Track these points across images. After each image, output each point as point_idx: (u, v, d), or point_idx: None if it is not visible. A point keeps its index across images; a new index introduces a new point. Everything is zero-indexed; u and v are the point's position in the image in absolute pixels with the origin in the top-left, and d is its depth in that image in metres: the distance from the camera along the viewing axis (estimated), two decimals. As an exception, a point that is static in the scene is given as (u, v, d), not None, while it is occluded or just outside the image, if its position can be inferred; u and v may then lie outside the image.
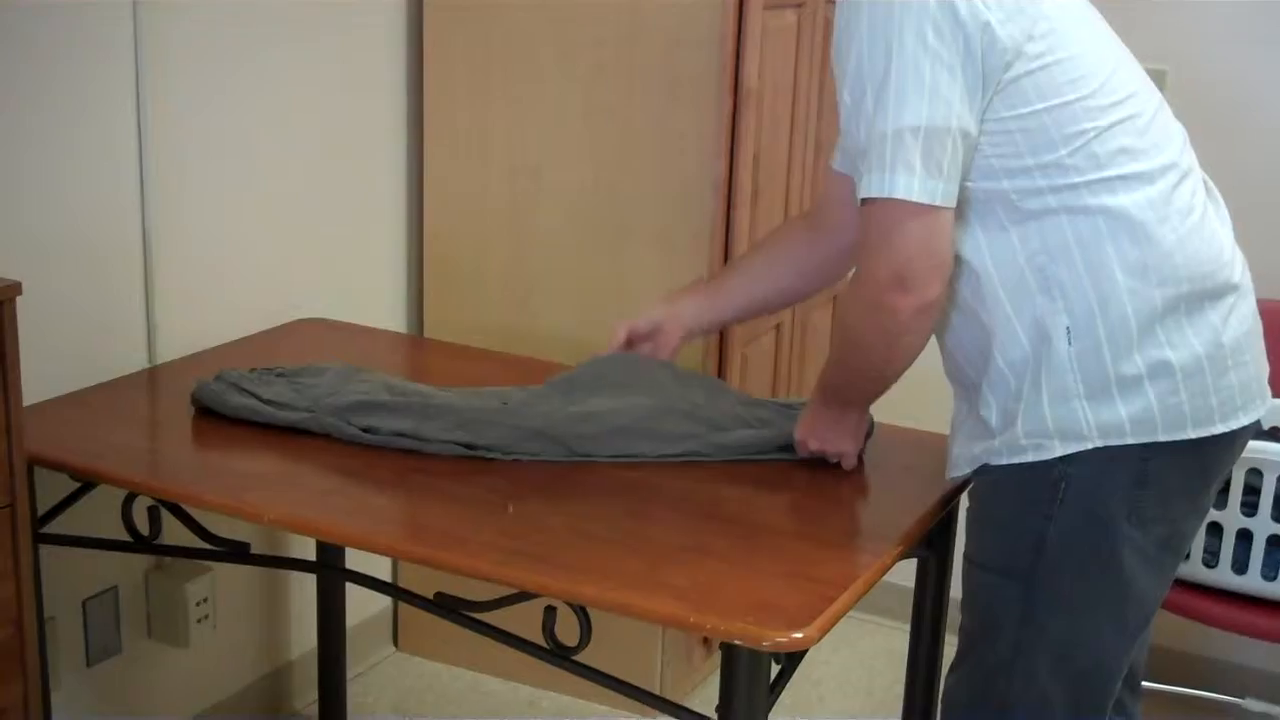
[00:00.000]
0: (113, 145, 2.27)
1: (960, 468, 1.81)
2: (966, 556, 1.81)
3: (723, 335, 2.67)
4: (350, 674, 2.83)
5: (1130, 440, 1.65)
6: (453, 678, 2.96)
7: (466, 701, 2.88)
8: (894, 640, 2.98)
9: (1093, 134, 1.63)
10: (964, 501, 1.90)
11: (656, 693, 2.72)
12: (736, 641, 1.58)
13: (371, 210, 2.84)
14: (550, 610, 1.75)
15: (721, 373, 2.68)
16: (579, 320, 2.75)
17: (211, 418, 2.13)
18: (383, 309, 2.88)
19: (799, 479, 2.00)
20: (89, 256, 2.27)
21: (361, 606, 2.86)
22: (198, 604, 2.48)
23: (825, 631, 1.60)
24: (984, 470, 1.76)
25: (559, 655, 1.76)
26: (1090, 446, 1.66)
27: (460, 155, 2.81)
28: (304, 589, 2.77)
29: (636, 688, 1.75)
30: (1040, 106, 1.62)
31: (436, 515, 1.89)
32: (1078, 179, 1.63)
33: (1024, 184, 1.65)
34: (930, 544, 2.02)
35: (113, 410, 2.18)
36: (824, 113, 2.94)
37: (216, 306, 2.51)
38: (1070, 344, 1.65)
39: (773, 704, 1.68)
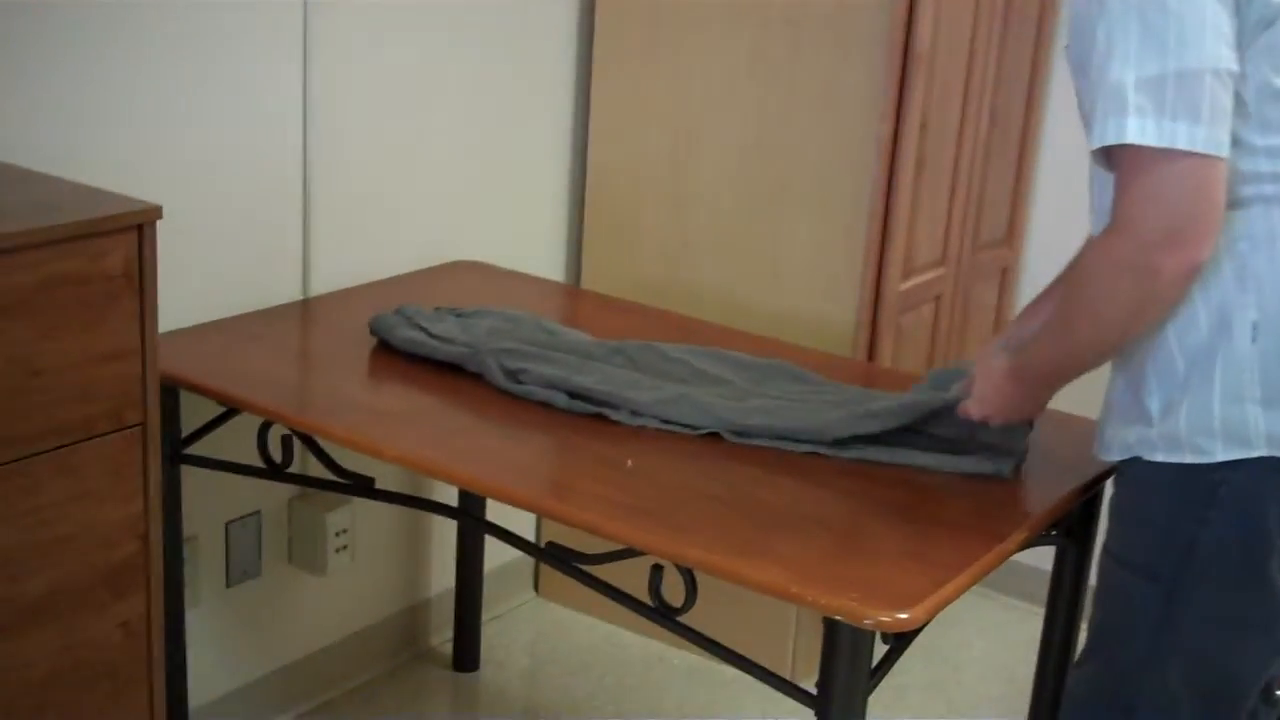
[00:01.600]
0: (278, 80, 2.31)
1: (1112, 452, 1.70)
2: (1106, 549, 1.72)
3: (876, 301, 2.60)
4: (487, 616, 2.86)
5: None
6: (588, 628, 2.97)
7: (598, 651, 2.89)
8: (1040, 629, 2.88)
9: None
10: (1107, 488, 1.81)
11: (788, 661, 2.73)
12: (838, 617, 1.53)
13: (535, 157, 2.84)
14: (657, 569, 1.72)
15: (873, 345, 2.61)
16: (733, 277, 2.71)
17: (371, 351, 2.17)
18: (541, 256, 2.88)
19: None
20: (251, 187, 2.31)
21: (504, 550, 2.85)
22: (337, 534, 2.52)
23: (933, 614, 1.54)
24: (1136, 461, 1.66)
25: (663, 614, 1.74)
26: (1255, 455, 1.55)
27: (626, 107, 2.78)
28: (445, 527, 2.80)
29: (733, 652, 1.71)
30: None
31: (552, 463, 1.89)
32: None
33: (1247, 165, 1.52)
34: (1070, 532, 1.94)
35: (261, 338, 2.23)
36: (1001, 82, 2.83)
37: (372, 243, 2.53)
38: (1255, 341, 1.54)
39: (875, 685, 1.63)
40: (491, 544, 2.70)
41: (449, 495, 2.59)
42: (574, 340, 2.16)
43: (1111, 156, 1.51)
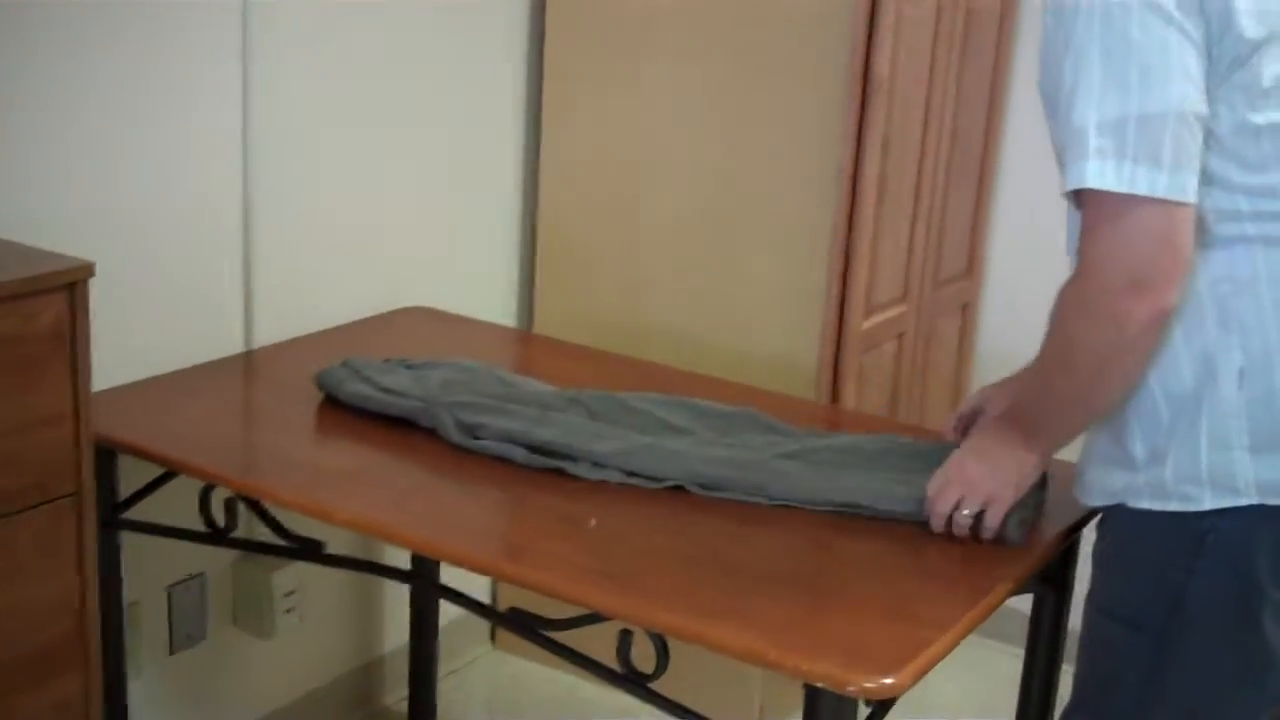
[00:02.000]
0: (216, 123, 2.21)
1: (1094, 497, 1.64)
2: (1092, 601, 1.65)
3: (839, 340, 2.53)
4: (443, 671, 2.76)
5: None
6: (548, 680, 2.87)
7: (560, 706, 2.79)
8: (1018, 668, 2.82)
9: None
10: (1087, 535, 1.75)
11: (756, 708, 2.65)
12: (819, 684, 1.45)
13: (484, 198, 2.75)
14: (626, 634, 1.64)
15: (835, 383, 2.54)
16: (691, 317, 2.64)
17: (318, 406, 2.07)
18: (492, 300, 2.80)
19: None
20: (188, 236, 2.21)
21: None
22: (285, 595, 2.42)
23: (919, 677, 1.46)
24: (1121, 509, 1.59)
25: (633, 682, 1.65)
26: (1244, 503, 1.49)
27: (578, 143, 2.71)
28: (398, 584, 2.70)
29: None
30: (1263, 122, 1.44)
31: (510, 522, 1.81)
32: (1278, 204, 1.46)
33: (1226, 204, 1.46)
34: (1048, 578, 1.87)
35: (202, 394, 2.13)
36: (961, 105, 2.78)
37: (317, 291, 2.44)
38: (1241, 387, 1.48)
39: (860, 750, 1.55)
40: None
41: (402, 556, 2.49)
42: (532, 392, 2.07)
43: (1079, 199, 1.46)
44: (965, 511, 1.70)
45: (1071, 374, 1.53)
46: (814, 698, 1.49)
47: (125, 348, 2.11)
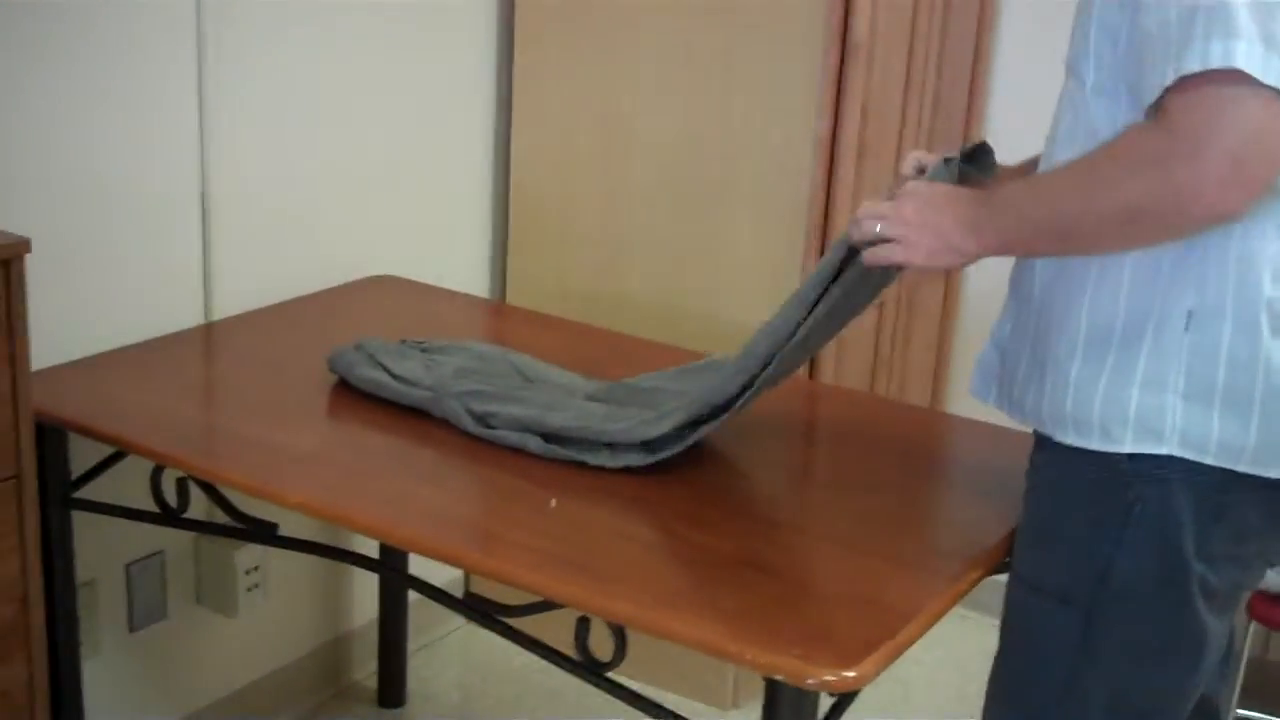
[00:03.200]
0: (171, 92, 2.14)
1: (1024, 412, 1.55)
2: (1016, 577, 1.59)
3: (816, 311, 2.47)
4: (414, 645, 2.72)
5: (1210, 460, 1.42)
6: (521, 654, 2.80)
7: (531, 682, 2.75)
8: (995, 639, 2.79)
9: None
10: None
11: (730, 685, 2.61)
12: (779, 677, 1.40)
13: (454, 163, 2.68)
14: (584, 621, 1.59)
15: (812, 356, 2.48)
16: (668, 286, 2.58)
17: (276, 381, 2.02)
18: (463, 268, 2.74)
19: (878, 482, 1.80)
20: (143, 205, 2.15)
21: (428, 575, 2.73)
22: (247, 572, 2.36)
23: (883, 668, 1.42)
24: (1044, 467, 1.54)
25: (590, 670, 1.60)
26: (1164, 453, 1.43)
27: (550, 107, 2.64)
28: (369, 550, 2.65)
29: (667, 710, 1.58)
30: None
31: (473, 507, 1.75)
32: None
33: None
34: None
35: (157, 369, 2.07)
36: (944, 70, 2.71)
37: (281, 260, 2.38)
38: (1188, 330, 1.42)
39: (823, 742, 1.51)
40: (416, 568, 2.55)
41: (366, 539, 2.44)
42: (552, 379, 1.99)
43: (1173, 90, 1.31)
44: (877, 229, 1.54)
45: (1089, 207, 1.38)
46: (774, 690, 1.44)
47: (80, 322, 2.06)
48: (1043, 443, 1.55)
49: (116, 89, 2.06)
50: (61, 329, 2.02)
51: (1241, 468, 1.42)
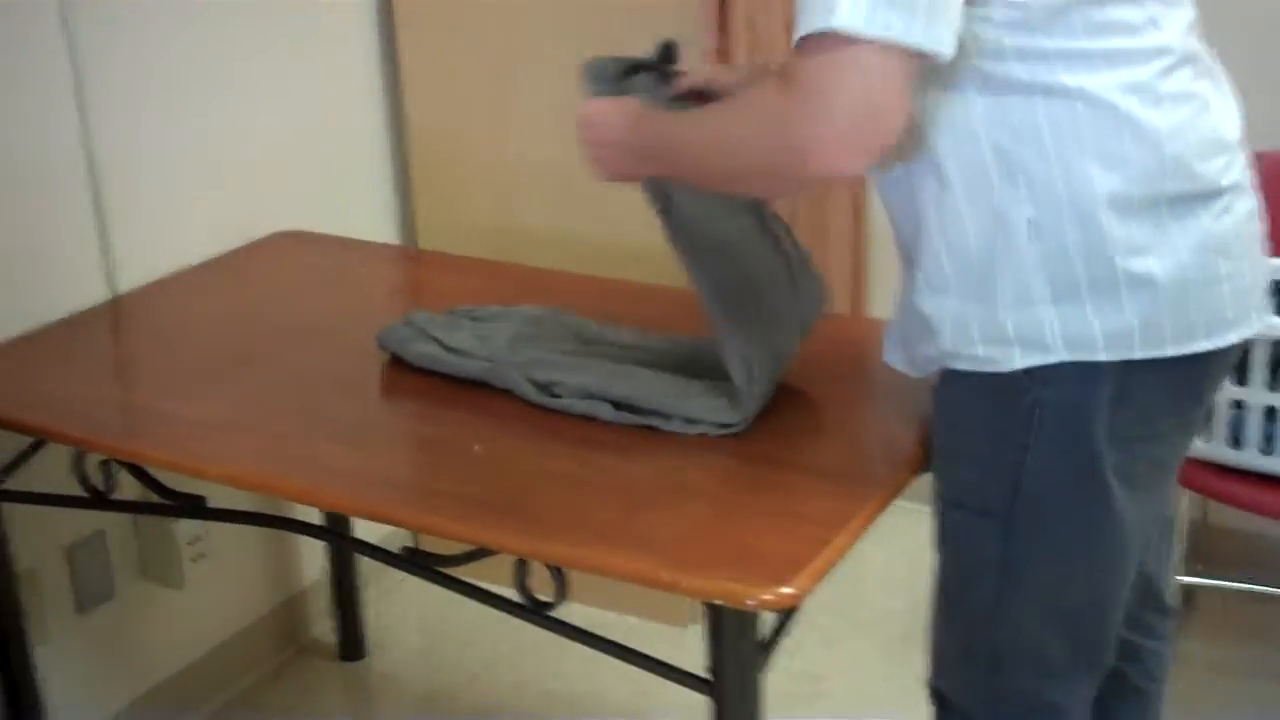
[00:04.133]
0: (38, 61, 2.08)
1: (918, 368, 1.58)
2: (938, 493, 1.59)
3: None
4: (369, 596, 2.72)
5: (1103, 357, 1.41)
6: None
7: (491, 616, 2.71)
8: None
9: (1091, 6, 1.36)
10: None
11: (685, 604, 2.63)
12: (717, 601, 1.41)
13: (344, 109, 2.64)
14: (522, 563, 1.58)
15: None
16: (568, 215, 2.55)
17: (188, 351, 1.99)
18: (368, 217, 2.70)
19: (797, 394, 1.80)
20: (26, 184, 2.10)
21: (369, 530, 2.73)
22: (190, 543, 2.36)
23: (818, 581, 1.42)
24: (944, 391, 1.54)
25: (534, 612, 1.60)
26: (1055, 360, 1.42)
27: (435, 38, 2.59)
28: (307, 513, 2.64)
29: (616, 644, 1.59)
30: None
31: (398, 461, 1.74)
32: (1050, 47, 1.36)
33: (991, 47, 1.37)
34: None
35: (67, 351, 2.04)
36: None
37: (182, 225, 2.33)
38: (1033, 240, 1.40)
39: (768, 657, 1.52)
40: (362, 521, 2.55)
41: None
42: (607, 338, 1.94)
43: (797, 50, 1.31)
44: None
45: (723, 164, 1.45)
46: (716, 614, 1.45)
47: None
48: (942, 374, 1.54)
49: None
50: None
51: (1137, 355, 1.41)
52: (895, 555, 2.86)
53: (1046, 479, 1.47)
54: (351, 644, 2.66)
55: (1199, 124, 1.42)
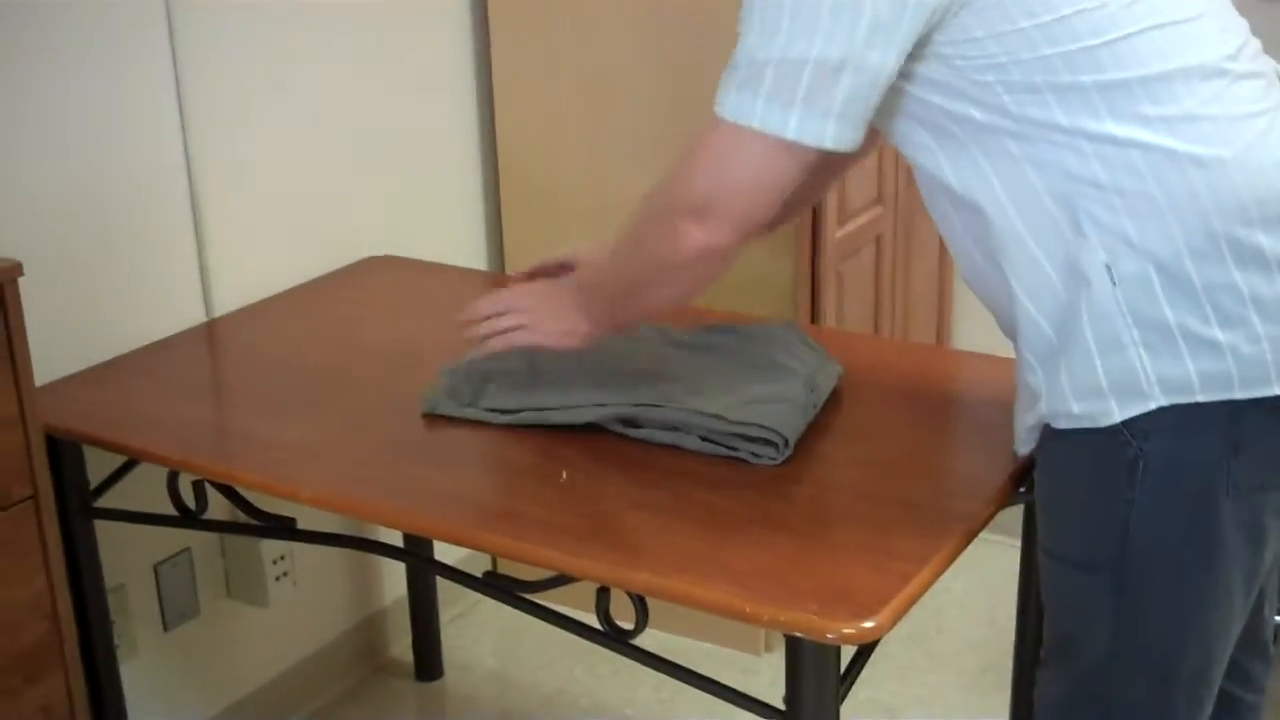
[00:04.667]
0: (144, 85, 2.14)
1: (1024, 444, 1.57)
2: (1043, 549, 1.58)
3: (814, 251, 2.47)
4: (446, 617, 2.75)
5: (1200, 398, 1.38)
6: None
7: (566, 641, 2.75)
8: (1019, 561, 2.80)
9: (1113, 39, 1.36)
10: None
11: (761, 633, 2.63)
12: (798, 634, 1.42)
13: (439, 136, 2.68)
14: (604, 591, 1.61)
15: (815, 296, 2.49)
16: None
17: (281, 376, 2.03)
18: (458, 242, 2.74)
19: (884, 426, 1.81)
20: (132, 207, 2.16)
21: (451, 553, 2.75)
22: (274, 562, 2.40)
23: (900, 616, 1.43)
24: (1046, 446, 1.52)
25: (615, 639, 1.62)
26: (1154, 406, 1.40)
27: (530, 72, 2.63)
28: (390, 535, 2.67)
29: (692, 673, 1.60)
30: (1028, 24, 1.35)
31: (486, 487, 1.76)
32: (1096, 96, 1.36)
33: (1029, 105, 1.38)
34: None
35: (163, 373, 2.08)
36: None
37: (276, 249, 2.39)
38: (1114, 284, 1.39)
39: (846, 692, 1.53)
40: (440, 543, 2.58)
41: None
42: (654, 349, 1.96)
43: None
44: (505, 323, 1.75)
45: (632, 268, 1.59)
46: (795, 646, 1.46)
47: (83, 332, 2.08)
48: (1043, 431, 1.53)
49: (90, 93, 2.07)
50: (65, 341, 2.05)
51: (1238, 394, 1.39)
52: (975, 586, 2.86)
53: (1154, 532, 1.44)
54: (428, 664, 2.69)
55: (1271, 139, 1.40)
